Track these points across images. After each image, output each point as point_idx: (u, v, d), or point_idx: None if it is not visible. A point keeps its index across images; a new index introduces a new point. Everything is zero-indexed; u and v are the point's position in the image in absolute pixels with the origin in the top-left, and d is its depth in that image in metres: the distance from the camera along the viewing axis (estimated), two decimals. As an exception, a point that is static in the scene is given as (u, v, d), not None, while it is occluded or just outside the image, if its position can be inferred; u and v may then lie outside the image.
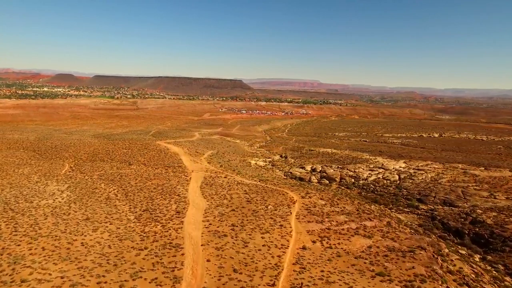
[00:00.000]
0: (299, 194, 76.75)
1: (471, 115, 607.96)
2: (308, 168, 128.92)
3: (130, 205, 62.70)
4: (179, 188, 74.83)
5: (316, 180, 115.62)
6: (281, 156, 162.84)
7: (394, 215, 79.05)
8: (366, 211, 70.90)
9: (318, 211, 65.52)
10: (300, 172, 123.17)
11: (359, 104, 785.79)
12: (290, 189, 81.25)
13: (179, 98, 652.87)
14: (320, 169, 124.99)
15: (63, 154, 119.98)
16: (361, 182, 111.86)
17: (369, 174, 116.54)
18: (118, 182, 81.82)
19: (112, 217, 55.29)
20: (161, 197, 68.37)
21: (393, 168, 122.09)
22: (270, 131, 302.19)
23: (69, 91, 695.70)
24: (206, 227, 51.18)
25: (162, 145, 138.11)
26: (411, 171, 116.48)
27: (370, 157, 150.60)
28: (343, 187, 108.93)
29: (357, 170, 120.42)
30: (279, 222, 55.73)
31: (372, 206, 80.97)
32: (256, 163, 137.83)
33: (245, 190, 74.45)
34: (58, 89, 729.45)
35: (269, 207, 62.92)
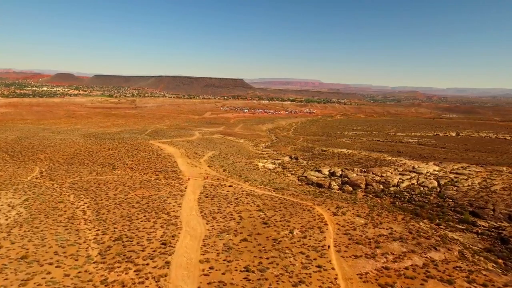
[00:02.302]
0: (327, 209, 58.37)
1: (478, 114, 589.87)
2: (326, 171, 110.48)
3: (98, 230, 44.40)
4: (170, 203, 56.49)
5: (337, 187, 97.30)
6: (290, 157, 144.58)
7: (450, 235, 60.92)
8: (421, 233, 52.59)
9: (362, 236, 47.13)
10: (317, 177, 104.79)
11: (363, 103, 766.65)
12: (315, 202, 62.85)
13: (180, 97, 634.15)
14: (341, 173, 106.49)
15: (38, 156, 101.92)
16: (392, 189, 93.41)
17: (400, 179, 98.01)
18: (92, 192, 63.56)
19: (65, 253, 37.02)
20: (144, 216, 50.02)
21: (427, 172, 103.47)
22: (275, 130, 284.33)
23: (68, 90, 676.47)
24: (205, 274, 32.81)
25: (155, 145, 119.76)
26: (451, 175, 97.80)
27: (394, 158, 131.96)
28: (370, 195, 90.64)
29: (384, 175, 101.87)
30: (315, 259, 37.33)
31: (421, 223, 62.66)
32: (264, 166, 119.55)
33: (258, 205, 55.99)
34: (58, 89, 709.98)
35: (295, 233, 44.51)
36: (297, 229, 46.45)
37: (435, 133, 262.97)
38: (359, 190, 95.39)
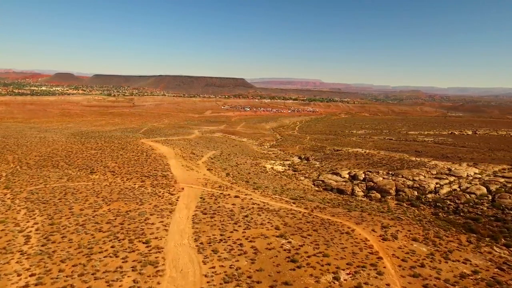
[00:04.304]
0: (371, 230, 42.17)
1: (484, 112, 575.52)
2: (345, 174, 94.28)
3: (33, 275, 28.30)
4: (153, 223, 40.29)
5: (362, 193, 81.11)
6: (300, 157, 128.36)
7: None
8: (514, 269, 36.44)
9: (439, 279, 30.93)
10: (336, 181, 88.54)
11: (366, 102, 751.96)
12: (350, 218, 46.60)
13: (180, 95, 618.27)
14: (364, 176, 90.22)
15: (6, 157, 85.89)
16: (429, 196, 77.12)
17: (437, 184, 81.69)
18: (53, 206, 47.43)
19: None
20: (112, 247, 33.83)
21: (468, 175, 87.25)
22: (279, 128, 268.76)
23: (67, 90, 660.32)
24: None
25: (147, 144, 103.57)
26: (500, 179, 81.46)
27: (419, 159, 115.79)
28: (405, 204, 74.35)
29: (417, 178, 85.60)
30: None
31: (496, 249, 46.49)
32: (272, 168, 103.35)
33: (276, 227, 39.73)
34: (57, 88, 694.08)
35: (342, 279, 28.29)
36: (343, 270, 30.18)
37: (450, 132, 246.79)
38: (389, 197, 79.20)
